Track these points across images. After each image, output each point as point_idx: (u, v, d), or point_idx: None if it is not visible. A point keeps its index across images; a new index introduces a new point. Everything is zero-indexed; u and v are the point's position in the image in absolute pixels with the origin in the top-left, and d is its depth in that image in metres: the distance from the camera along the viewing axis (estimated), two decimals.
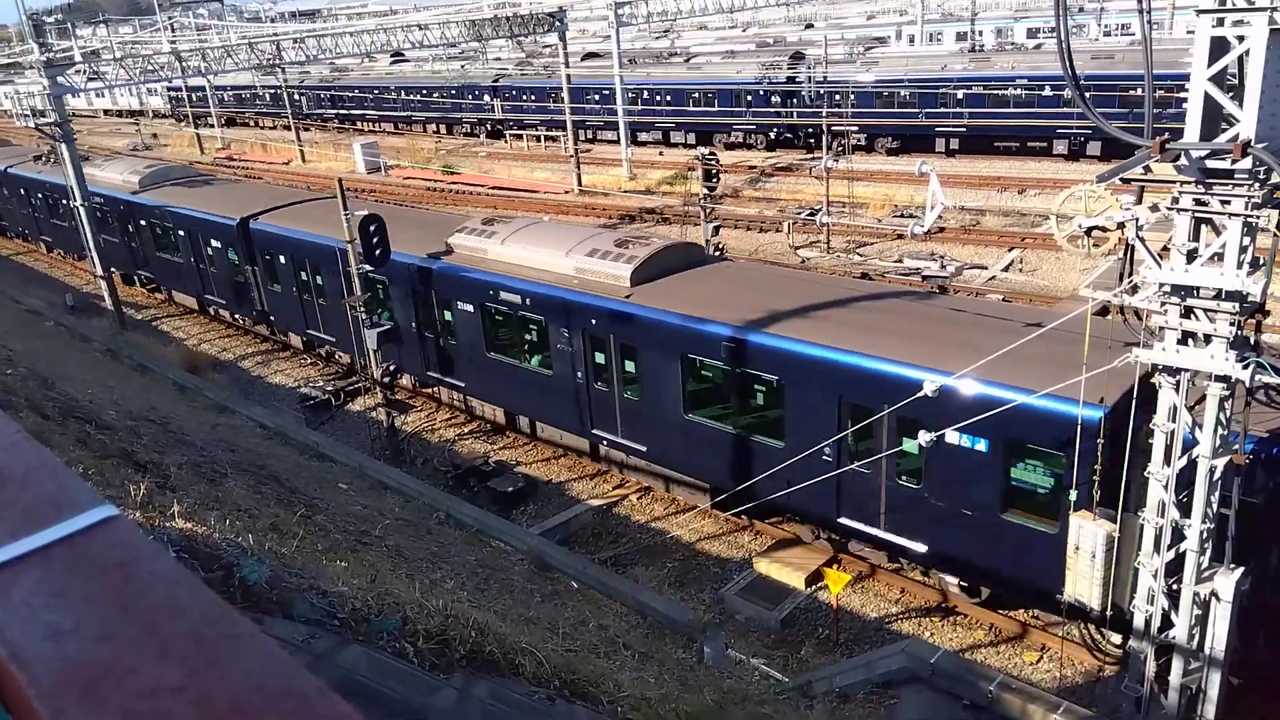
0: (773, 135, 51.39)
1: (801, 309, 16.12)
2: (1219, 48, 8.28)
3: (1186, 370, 9.32)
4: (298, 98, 70.75)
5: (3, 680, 0.93)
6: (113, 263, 32.39)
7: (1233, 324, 8.89)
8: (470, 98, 63.91)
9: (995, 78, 43.26)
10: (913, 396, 12.75)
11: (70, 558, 1.08)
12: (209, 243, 29.18)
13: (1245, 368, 8.92)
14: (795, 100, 49.54)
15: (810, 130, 48.22)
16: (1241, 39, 8.09)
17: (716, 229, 27.60)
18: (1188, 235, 8.98)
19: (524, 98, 60.88)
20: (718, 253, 26.97)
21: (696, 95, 53.29)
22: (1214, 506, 9.62)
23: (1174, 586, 10.04)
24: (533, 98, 59.97)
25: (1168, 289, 9.13)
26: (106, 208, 32.83)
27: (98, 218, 32.16)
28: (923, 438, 12.03)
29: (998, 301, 24.55)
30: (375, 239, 20.03)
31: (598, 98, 53.71)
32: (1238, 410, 9.52)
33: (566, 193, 45.76)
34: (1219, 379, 9.14)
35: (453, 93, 65.23)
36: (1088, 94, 9.26)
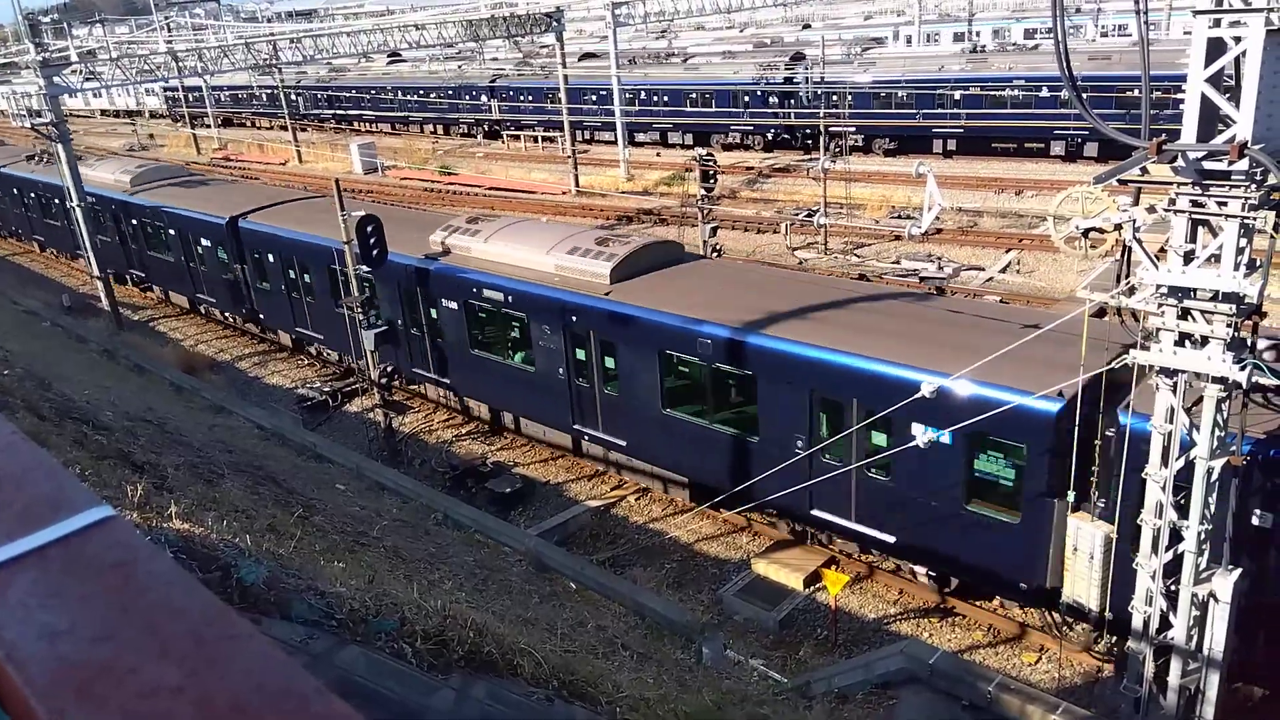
0: (770, 136, 51.41)
1: (775, 306, 16.38)
2: (1216, 49, 8.28)
3: (1184, 372, 9.32)
4: (294, 98, 70.67)
5: (1, 680, 0.92)
6: (105, 262, 32.39)
7: (1230, 325, 8.89)
8: (467, 98, 63.89)
9: (992, 79, 43.31)
10: (879, 390, 13.41)
11: (67, 558, 1.07)
12: (199, 241, 29.34)
13: (1242, 369, 8.93)
14: (793, 101, 49.57)
15: (808, 131, 48.23)
16: (1238, 40, 8.10)
17: (714, 230, 27.61)
18: (1185, 237, 8.99)
19: (521, 98, 60.86)
20: (715, 254, 26.98)
21: (694, 96, 53.30)
22: (1211, 508, 9.63)
23: (1172, 587, 10.05)
24: (530, 98, 59.96)
25: (1165, 290, 9.14)
26: (99, 207, 32.83)
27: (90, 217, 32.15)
28: (921, 438, 12.06)
29: (973, 300, 24.77)
30: (372, 240, 20.02)
31: (595, 98, 53.71)
32: (1235, 411, 9.53)
33: (564, 193, 45.75)
34: (1216, 380, 9.15)
35: (450, 93, 65.22)
36: (1085, 95, 9.27)
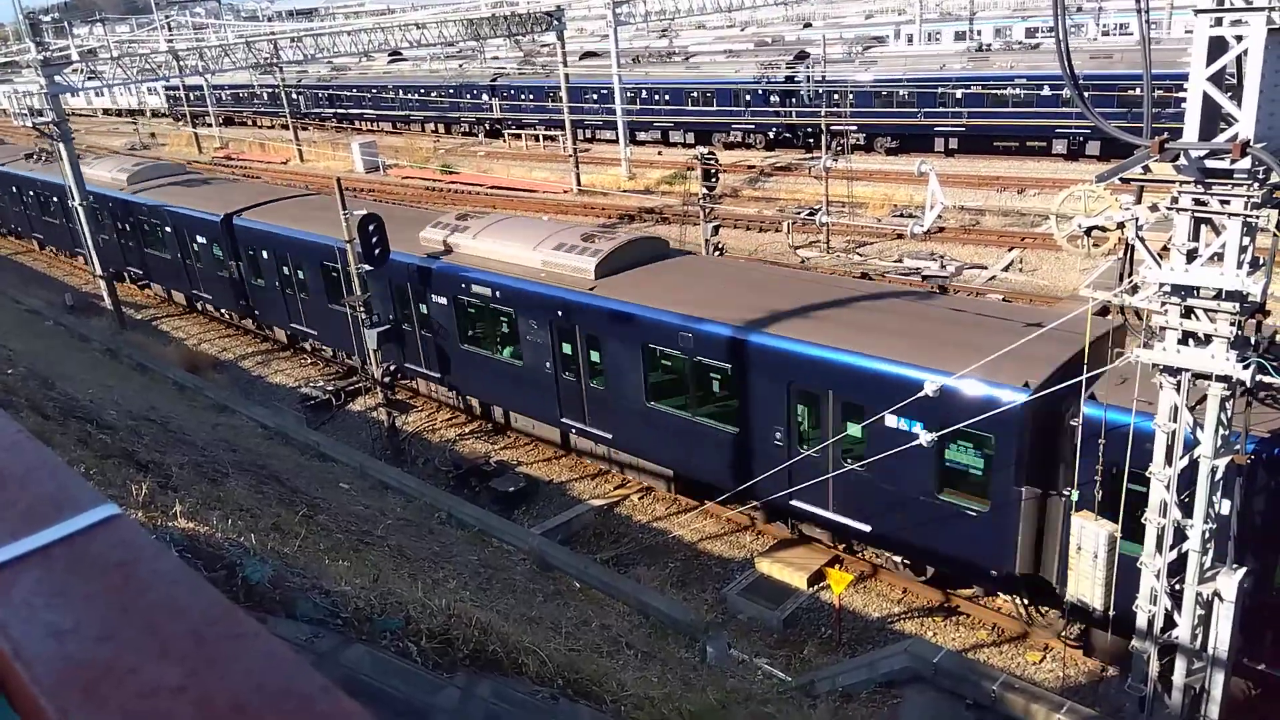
0: (772, 135, 51.37)
1: (755, 300, 16.62)
2: (1217, 47, 8.27)
3: (1187, 370, 9.31)
4: (295, 97, 70.72)
5: (6, 678, 0.92)
6: (103, 260, 32.53)
7: (1233, 324, 8.88)
8: (468, 97, 63.90)
9: (994, 77, 43.26)
10: (854, 382, 13.87)
11: (72, 557, 1.07)
12: (195, 238, 29.56)
13: (1246, 367, 8.92)
14: (794, 100, 49.53)
15: (809, 130, 48.19)
16: (1240, 39, 8.09)
17: (716, 229, 27.59)
18: (1187, 235, 8.98)
19: (522, 97, 60.85)
20: (717, 252, 26.96)
21: (695, 95, 53.28)
22: (1216, 507, 9.62)
23: (1176, 586, 10.04)
24: (531, 97, 59.94)
25: (1168, 289, 9.13)
26: (96, 205, 32.94)
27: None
28: (924, 438, 12.06)
29: (955, 296, 25.06)
30: (374, 239, 20.03)
31: (596, 97, 53.70)
32: (1239, 410, 9.52)
33: (565, 192, 45.75)
34: (1220, 379, 9.14)
35: (451, 92, 65.22)
36: (1086, 93, 9.26)
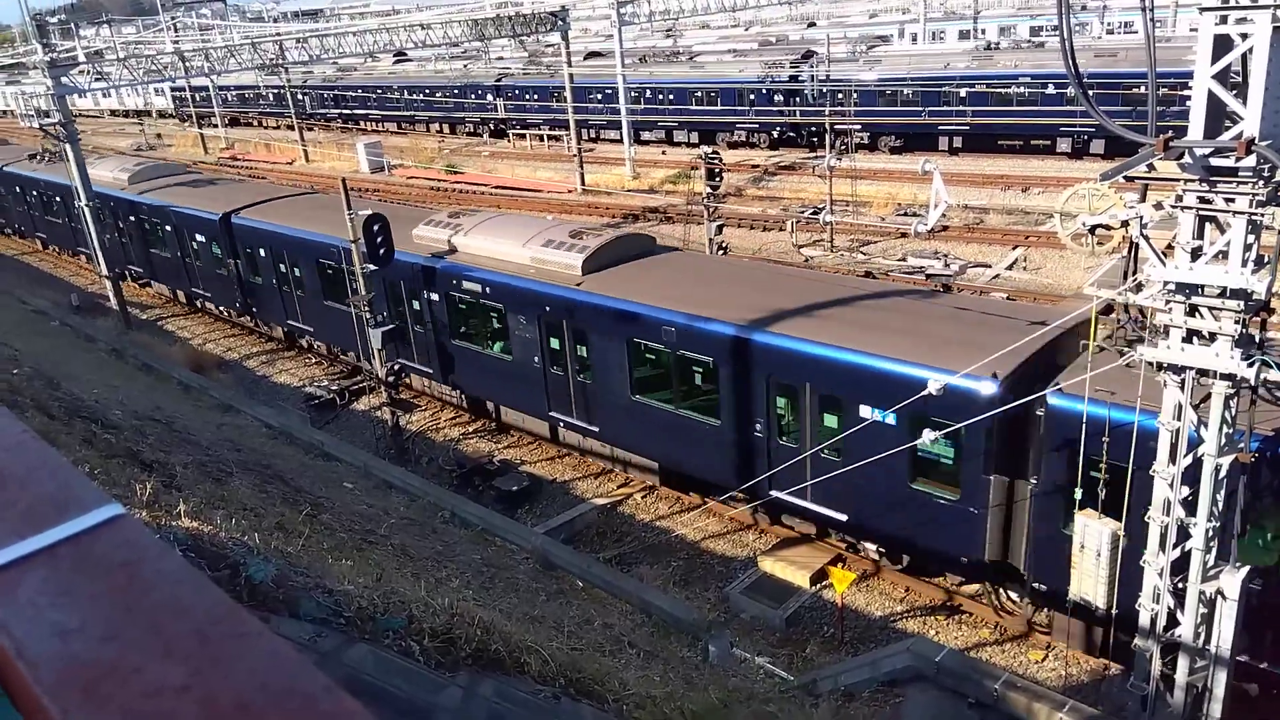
0: (776, 134, 51.32)
1: (736, 295, 17.00)
2: (1222, 45, 8.25)
3: (1191, 368, 9.30)
4: (301, 97, 70.80)
5: (10, 678, 0.93)
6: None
7: (1237, 322, 8.86)
8: (473, 97, 63.91)
9: (998, 76, 43.17)
10: (830, 375, 14.32)
11: (76, 556, 1.08)
12: (194, 237, 29.90)
13: (1250, 366, 8.90)
14: (798, 99, 49.48)
15: (813, 129, 48.15)
16: (1245, 36, 8.07)
17: (720, 228, 27.56)
18: (1192, 233, 8.96)
19: (527, 97, 60.86)
20: (721, 251, 26.96)
21: (699, 94, 53.24)
22: (1219, 505, 9.60)
23: (1179, 585, 10.02)
24: (536, 97, 59.94)
25: (1172, 287, 9.11)
26: (97, 204, 33.11)
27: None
28: (926, 436, 12.06)
29: (937, 290, 25.42)
30: (379, 238, 20.04)
31: (600, 97, 53.69)
32: (1243, 408, 9.50)
33: (570, 192, 45.75)
34: (1224, 377, 9.12)
35: (456, 92, 65.24)
36: (1091, 92, 9.24)
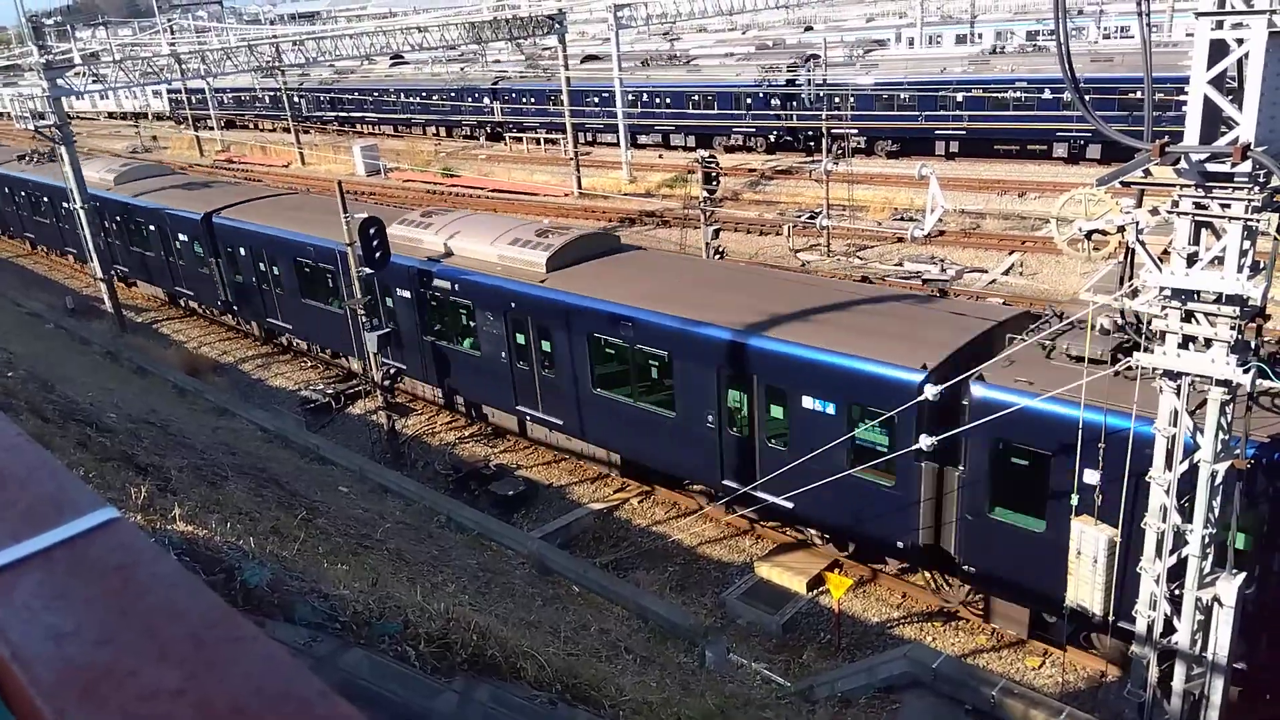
0: (773, 138, 51.41)
1: (692, 292, 17.70)
2: (1218, 50, 8.28)
3: (1187, 374, 9.31)
4: (297, 100, 70.80)
5: (5, 681, 0.92)
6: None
7: (1233, 328, 8.88)
8: (470, 100, 63.97)
9: (995, 80, 43.30)
10: (775, 366, 15.06)
11: (72, 560, 1.07)
12: (177, 236, 30.41)
13: (1246, 372, 8.91)
14: (795, 103, 49.59)
15: (810, 133, 48.25)
16: (1241, 42, 8.09)
17: (716, 232, 27.59)
18: (1188, 239, 8.97)
19: (524, 100, 60.93)
20: (718, 256, 26.99)
21: (696, 98, 53.34)
22: (1215, 511, 9.61)
23: (1176, 592, 10.02)
24: (532, 100, 60.01)
25: (1168, 293, 9.12)
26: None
27: (72, 213, 32.69)
28: (924, 441, 12.06)
29: (888, 286, 26.06)
30: (375, 242, 20.04)
31: (597, 100, 53.76)
32: (1239, 415, 9.52)
33: (566, 195, 45.78)
34: (1220, 383, 9.13)
35: (452, 95, 65.27)
36: (1087, 97, 9.26)
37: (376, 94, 71.91)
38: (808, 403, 14.68)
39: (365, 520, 14.31)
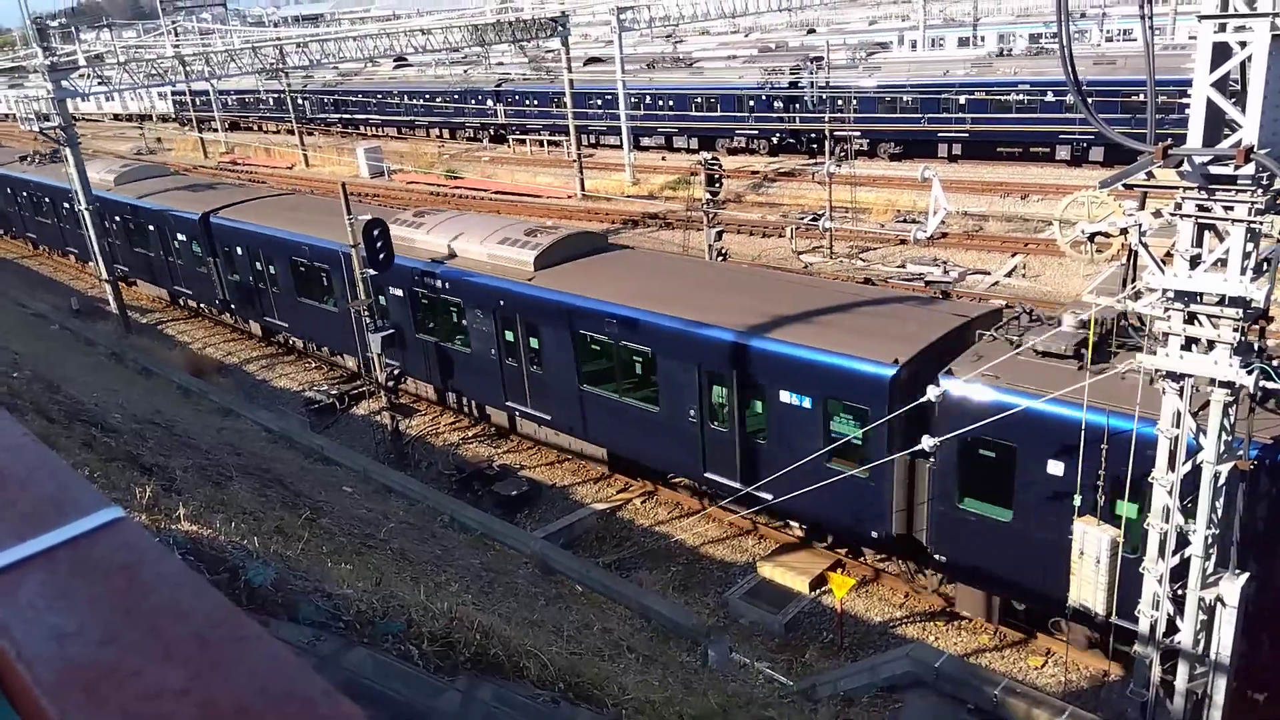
0: (775, 140, 51.36)
1: (675, 290, 17.95)
2: (1221, 53, 8.27)
3: (1190, 376, 9.30)
4: (301, 102, 70.85)
5: (9, 680, 0.93)
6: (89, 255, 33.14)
7: (1236, 330, 8.87)
8: (473, 102, 63.97)
9: (998, 83, 43.22)
10: (756, 362, 15.33)
11: (75, 559, 1.08)
12: (175, 236, 30.77)
13: (1249, 373, 8.90)
14: (798, 105, 49.54)
15: (813, 135, 48.19)
16: (1244, 45, 8.09)
17: (719, 234, 27.59)
18: (1191, 241, 8.97)
19: (527, 102, 60.92)
20: (720, 258, 26.99)
21: (699, 100, 53.31)
22: (1219, 512, 9.60)
23: (1179, 591, 10.01)
24: (535, 102, 59.99)
25: (1171, 295, 9.12)
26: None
27: (74, 214, 33.09)
28: (926, 443, 12.06)
29: (862, 284, 26.33)
30: (379, 244, 20.04)
31: (600, 103, 53.75)
32: (1242, 416, 9.51)
33: (569, 197, 45.79)
34: (1223, 385, 9.12)
35: (455, 97, 65.26)
36: (1090, 100, 9.26)
37: (380, 96, 71.91)
38: (785, 397, 15.05)
39: (369, 520, 14.32)
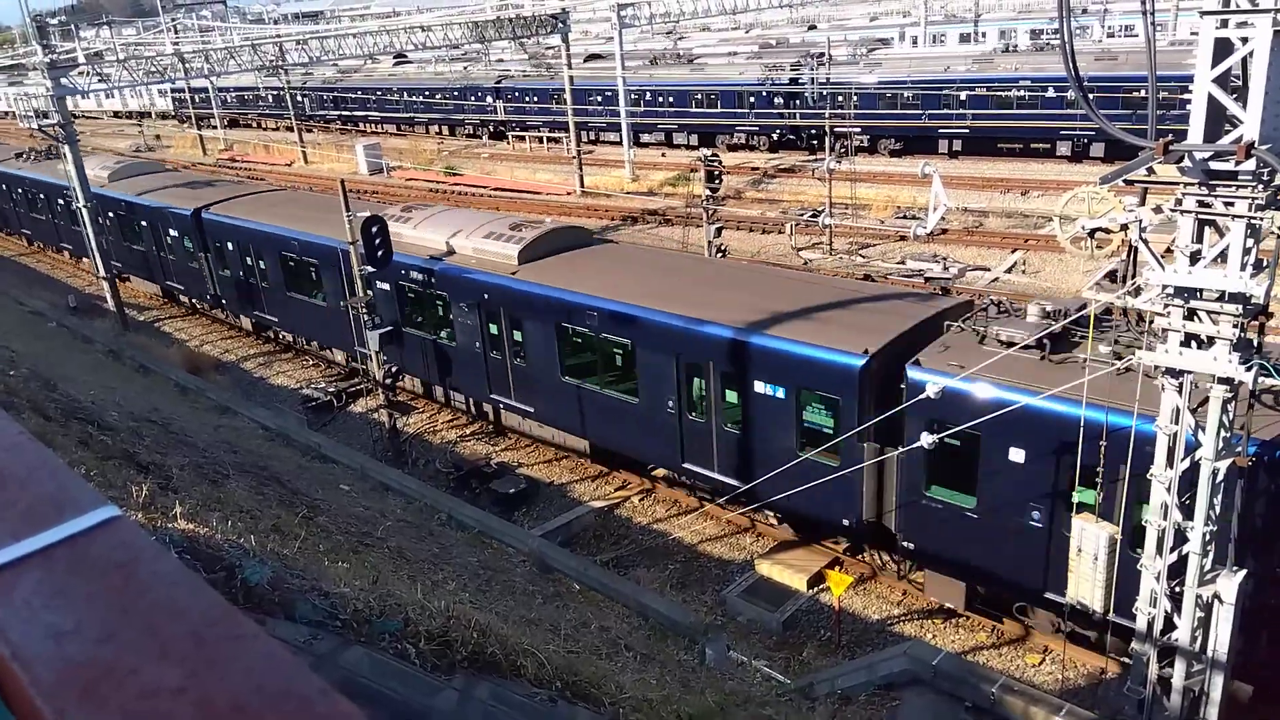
0: (775, 137, 51.35)
1: (655, 283, 18.20)
2: (1223, 49, 8.27)
3: (1190, 372, 9.30)
4: (300, 99, 70.78)
5: (5, 680, 0.92)
6: (84, 252, 33.25)
7: (1236, 326, 8.87)
8: (473, 99, 63.93)
9: (998, 79, 43.22)
10: (729, 353, 15.59)
11: (72, 558, 1.08)
12: (168, 231, 30.96)
13: (1248, 370, 8.90)
14: (798, 101, 49.52)
15: (813, 131, 48.19)
16: (1245, 40, 8.09)
17: (719, 230, 27.57)
18: (1191, 237, 8.97)
19: (526, 99, 60.88)
20: (720, 254, 26.98)
21: (699, 96, 53.29)
22: (1216, 509, 9.60)
23: (1176, 589, 10.02)
24: (535, 99, 59.96)
25: (1171, 291, 9.12)
26: (94, 205, 33.35)
27: (69, 210, 33.19)
28: (925, 440, 12.07)
29: (837, 277, 26.51)
30: (378, 240, 20.02)
31: (600, 99, 53.72)
32: (1241, 412, 9.51)
33: (569, 194, 45.77)
34: (1222, 381, 9.12)
35: (455, 94, 65.22)
36: (1091, 95, 9.26)
37: (380, 93, 71.86)
38: (760, 387, 15.32)
39: (366, 518, 14.32)
